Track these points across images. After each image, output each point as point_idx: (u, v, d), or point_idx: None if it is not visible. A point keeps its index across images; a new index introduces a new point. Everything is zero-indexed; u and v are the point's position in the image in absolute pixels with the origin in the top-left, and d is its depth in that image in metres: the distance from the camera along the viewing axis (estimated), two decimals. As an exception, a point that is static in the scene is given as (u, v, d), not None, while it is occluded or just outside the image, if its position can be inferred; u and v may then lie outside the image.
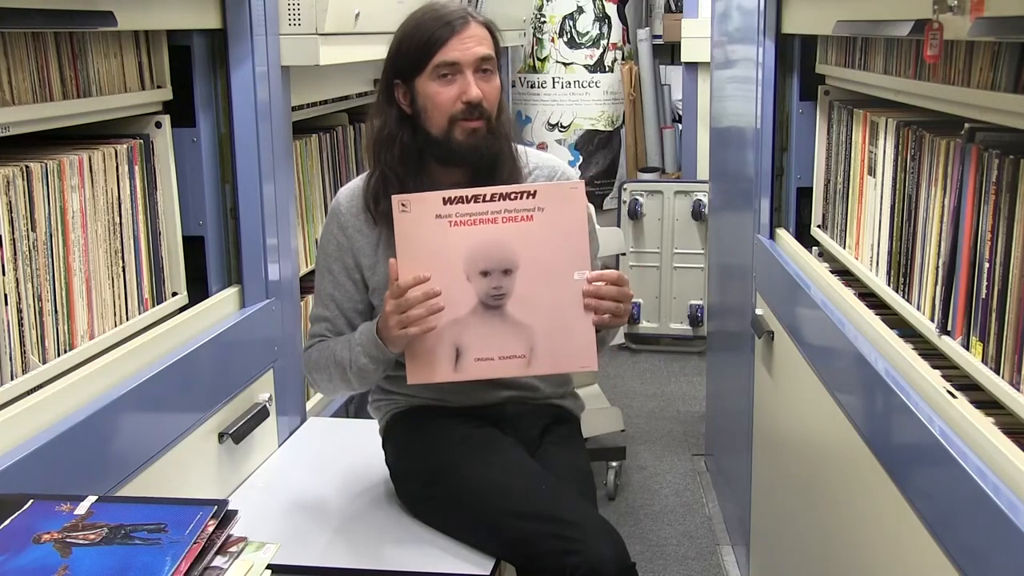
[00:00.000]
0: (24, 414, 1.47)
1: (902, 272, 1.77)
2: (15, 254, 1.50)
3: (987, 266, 1.39)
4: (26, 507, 1.19)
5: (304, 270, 2.44)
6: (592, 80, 4.98)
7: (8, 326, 1.49)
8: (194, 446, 1.88)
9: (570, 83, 4.97)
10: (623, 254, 4.59)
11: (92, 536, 1.13)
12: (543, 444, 1.98)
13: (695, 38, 4.77)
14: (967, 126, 1.46)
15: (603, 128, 5.04)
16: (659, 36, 5.35)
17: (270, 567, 1.15)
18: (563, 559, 1.64)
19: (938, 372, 1.52)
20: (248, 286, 2.16)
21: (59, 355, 1.61)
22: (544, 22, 4.95)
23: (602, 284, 1.71)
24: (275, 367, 2.22)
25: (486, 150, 1.82)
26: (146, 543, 1.11)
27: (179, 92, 1.99)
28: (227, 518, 1.18)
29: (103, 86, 1.78)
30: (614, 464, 3.45)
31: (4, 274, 1.47)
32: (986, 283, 1.39)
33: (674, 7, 5.29)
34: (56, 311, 1.61)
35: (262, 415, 2.11)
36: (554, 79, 4.97)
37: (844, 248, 2.16)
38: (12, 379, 1.50)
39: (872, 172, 1.96)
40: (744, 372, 2.74)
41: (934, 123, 1.69)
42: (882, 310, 1.82)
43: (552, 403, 2.04)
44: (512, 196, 1.70)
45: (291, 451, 2.26)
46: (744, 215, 2.78)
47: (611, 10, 4.99)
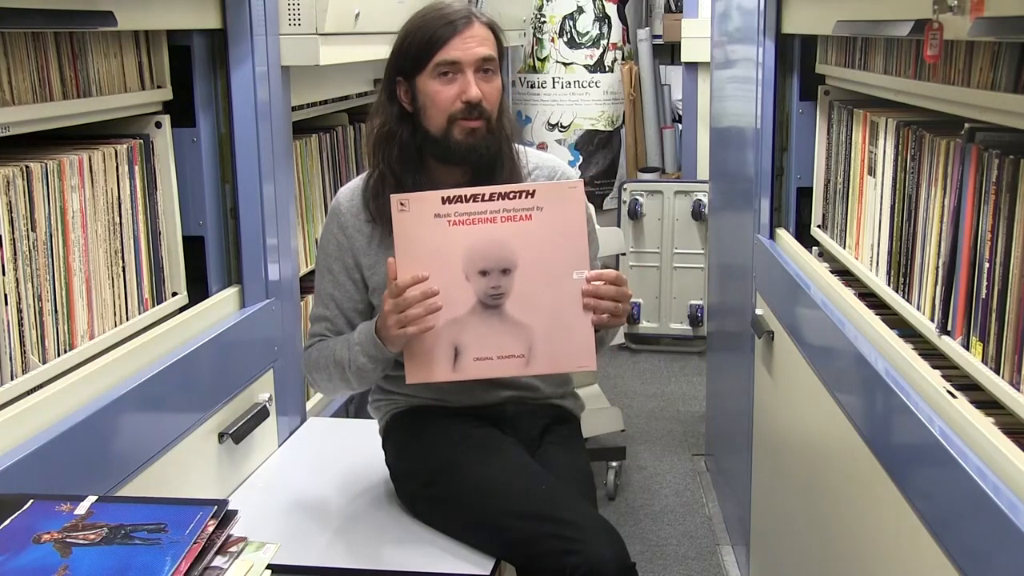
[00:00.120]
0: (24, 414, 1.47)
1: (902, 272, 1.77)
2: (15, 254, 1.50)
3: (987, 266, 1.39)
4: (26, 507, 1.19)
5: (304, 270, 2.44)
6: (592, 80, 4.98)
7: (8, 326, 1.49)
8: (194, 446, 1.88)
9: (570, 83, 4.97)
10: (623, 254, 4.59)
11: (92, 536, 1.13)
12: (543, 444, 1.98)
13: (695, 38, 4.77)
14: (967, 126, 1.45)
15: (603, 128, 5.03)
16: (659, 36, 5.35)
17: (270, 567, 1.15)
18: (563, 559, 1.64)
19: (938, 372, 1.52)
20: (248, 286, 2.16)
21: (59, 355, 1.61)
22: (544, 22, 4.95)
23: (601, 284, 1.71)
24: (275, 367, 2.22)
25: (485, 150, 1.82)
26: (146, 543, 1.11)
27: (179, 92, 1.99)
28: (227, 518, 1.18)
29: (103, 86, 1.78)
30: (614, 464, 3.45)
31: (4, 274, 1.47)
32: (986, 283, 1.39)
33: (674, 7, 5.29)
34: (56, 311, 1.61)
35: (262, 415, 2.11)
36: (554, 79, 4.97)
37: (844, 248, 2.15)
38: (12, 379, 1.50)
39: (872, 172, 1.96)
40: (744, 372, 2.73)
41: (934, 123, 1.69)
42: (882, 310, 1.82)
43: (552, 403, 2.04)
44: (511, 195, 1.70)
45: (291, 451, 2.26)
46: (744, 215, 2.78)
47: (611, 10, 4.99)
